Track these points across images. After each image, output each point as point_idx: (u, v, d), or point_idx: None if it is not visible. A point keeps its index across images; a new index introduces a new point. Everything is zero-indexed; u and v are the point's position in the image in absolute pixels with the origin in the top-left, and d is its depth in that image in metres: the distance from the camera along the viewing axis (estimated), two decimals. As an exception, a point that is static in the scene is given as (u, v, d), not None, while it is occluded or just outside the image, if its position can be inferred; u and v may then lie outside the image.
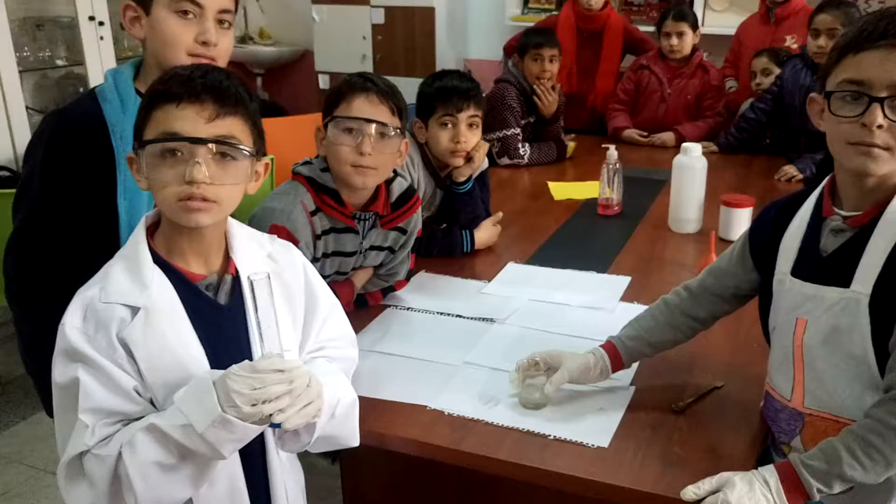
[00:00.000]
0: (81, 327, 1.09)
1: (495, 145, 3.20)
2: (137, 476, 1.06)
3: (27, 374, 1.66)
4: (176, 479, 1.09)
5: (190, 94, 1.11)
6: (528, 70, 3.26)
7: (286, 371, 1.06)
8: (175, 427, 1.05)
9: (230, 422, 1.03)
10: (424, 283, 2.04)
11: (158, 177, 1.11)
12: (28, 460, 2.76)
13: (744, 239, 1.43)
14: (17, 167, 3.39)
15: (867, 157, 1.16)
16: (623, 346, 1.49)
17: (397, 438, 1.41)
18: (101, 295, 1.11)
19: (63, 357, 1.10)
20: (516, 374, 1.47)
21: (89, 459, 1.08)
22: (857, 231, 1.21)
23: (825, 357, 1.23)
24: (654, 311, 1.52)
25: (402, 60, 5.04)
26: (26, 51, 3.64)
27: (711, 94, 3.61)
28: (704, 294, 1.48)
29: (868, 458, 1.14)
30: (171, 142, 1.10)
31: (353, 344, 1.39)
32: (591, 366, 1.46)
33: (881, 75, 1.13)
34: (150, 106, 1.13)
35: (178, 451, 1.06)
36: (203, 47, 1.49)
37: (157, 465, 1.06)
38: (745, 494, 1.15)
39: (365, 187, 1.70)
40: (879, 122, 1.13)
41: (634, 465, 1.30)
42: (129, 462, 1.05)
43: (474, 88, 2.18)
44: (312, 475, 1.45)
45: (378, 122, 1.62)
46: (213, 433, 1.04)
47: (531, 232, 2.44)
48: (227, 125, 1.13)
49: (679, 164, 2.45)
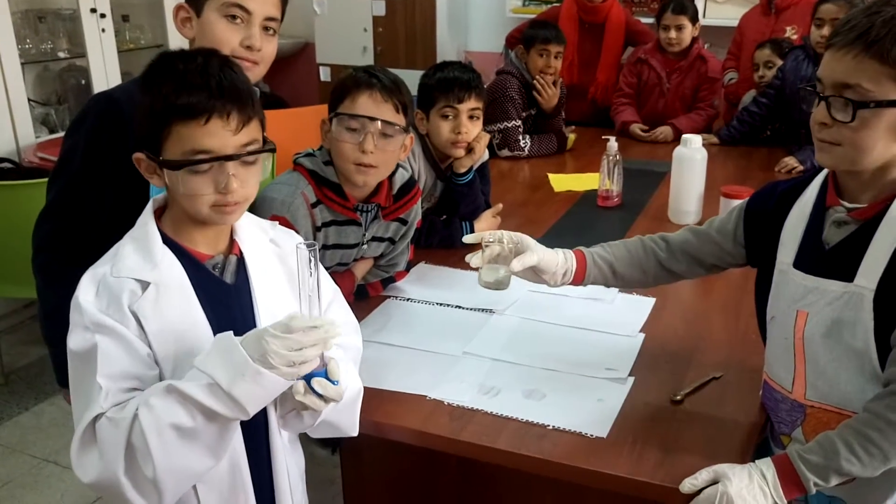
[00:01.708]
0: (94, 301, 1.11)
1: (496, 137, 3.20)
2: (155, 438, 1.03)
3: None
4: (194, 446, 1.06)
5: (216, 110, 1.11)
6: (532, 63, 3.25)
7: (320, 326, 1.06)
8: (197, 387, 1.04)
9: (261, 374, 1.03)
10: (424, 274, 2.05)
11: (192, 189, 1.12)
12: (31, 450, 2.77)
13: (739, 214, 1.42)
14: (19, 159, 3.39)
15: (820, 151, 1.20)
16: (592, 262, 1.48)
17: (397, 428, 1.41)
18: (113, 270, 1.13)
19: (79, 328, 1.10)
20: (481, 252, 1.43)
21: (102, 425, 1.06)
22: (861, 225, 1.20)
23: (826, 350, 1.22)
24: (630, 246, 1.51)
25: (403, 52, 5.04)
26: (28, 43, 3.64)
27: (707, 86, 3.59)
28: (683, 253, 1.47)
29: (865, 453, 1.14)
30: (207, 162, 1.11)
31: (357, 331, 1.39)
32: (558, 262, 1.45)
33: (827, 74, 1.16)
34: (170, 119, 1.11)
35: (199, 412, 1.04)
36: (247, 51, 1.55)
37: (174, 429, 1.04)
38: (745, 487, 1.16)
39: (367, 185, 1.71)
40: (820, 120, 1.17)
41: (633, 456, 1.30)
42: (146, 423, 1.03)
43: (475, 79, 2.18)
44: (312, 464, 1.46)
45: (382, 120, 1.62)
46: (241, 388, 1.03)
47: (531, 223, 2.44)
48: (250, 131, 1.15)
49: (679, 156, 2.45)
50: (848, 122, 1.13)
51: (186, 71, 1.13)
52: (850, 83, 1.12)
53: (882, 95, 1.11)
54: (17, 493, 2.56)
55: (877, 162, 1.16)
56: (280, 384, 1.05)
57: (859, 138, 1.14)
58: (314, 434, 1.28)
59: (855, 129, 1.13)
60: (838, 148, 1.17)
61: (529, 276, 1.45)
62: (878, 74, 1.11)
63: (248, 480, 1.22)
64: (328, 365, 1.11)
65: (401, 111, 1.66)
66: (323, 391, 1.09)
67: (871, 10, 1.12)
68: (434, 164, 2.24)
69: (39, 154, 3.37)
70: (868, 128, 1.13)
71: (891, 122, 1.13)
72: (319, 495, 2.29)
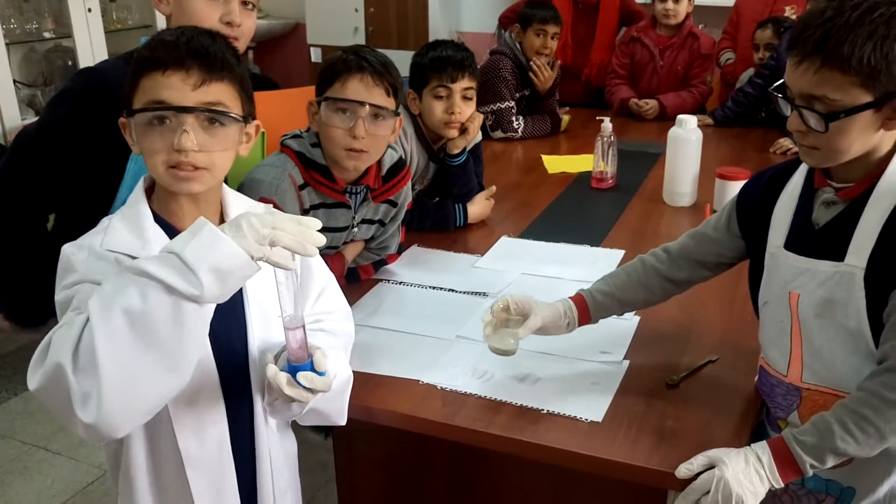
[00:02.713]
0: (87, 262, 1.09)
1: (489, 118, 3.17)
2: (103, 335, 0.92)
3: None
4: (147, 347, 0.94)
5: (175, 62, 1.10)
6: (528, 43, 3.21)
7: (302, 224, 1.00)
8: (151, 259, 0.95)
9: (218, 237, 0.94)
10: (417, 257, 2.03)
11: (148, 145, 1.11)
12: (20, 436, 2.75)
13: (731, 206, 1.41)
14: (5, 141, 3.35)
15: (805, 156, 1.20)
16: (592, 301, 1.47)
17: (389, 413, 1.40)
18: (104, 243, 1.11)
19: (69, 284, 1.07)
20: (491, 317, 1.42)
21: (59, 330, 0.98)
22: (850, 203, 1.20)
23: (821, 331, 1.22)
24: (629, 270, 1.50)
25: (395, 33, 4.99)
26: (13, 23, 3.58)
27: (699, 63, 3.57)
28: (685, 259, 1.46)
29: (861, 432, 1.13)
30: (158, 111, 1.09)
31: (349, 318, 1.37)
32: (560, 315, 1.44)
33: (793, 84, 1.15)
34: (138, 72, 1.12)
35: (151, 287, 0.93)
36: (227, 27, 1.55)
37: (124, 314, 0.93)
38: (741, 471, 1.14)
39: (357, 170, 1.68)
40: (795, 128, 1.16)
41: (628, 440, 1.29)
42: (96, 310, 0.94)
43: (469, 58, 2.15)
44: (305, 449, 1.44)
45: (372, 105, 1.59)
46: (193, 249, 0.93)
47: (525, 206, 2.42)
48: (215, 91, 1.12)
49: (674, 137, 2.42)
50: (822, 132, 1.12)
51: (166, 34, 1.14)
52: (816, 95, 1.11)
53: (851, 102, 1.10)
54: (6, 479, 2.54)
55: (859, 153, 1.16)
56: (239, 257, 0.95)
57: (836, 143, 1.14)
58: (302, 422, 1.26)
59: (830, 137, 1.13)
60: (818, 151, 1.16)
61: (539, 334, 1.44)
62: (842, 84, 1.09)
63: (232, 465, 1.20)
64: (314, 356, 1.09)
65: (391, 94, 1.63)
66: (310, 384, 1.07)
67: (825, 13, 1.09)
68: (427, 145, 2.21)
69: (22, 136, 3.33)
70: (842, 133, 1.12)
71: (865, 122, 1.12)
72: (312, 480, 2.29)
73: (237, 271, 0.96)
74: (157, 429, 1.14)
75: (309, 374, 1.07)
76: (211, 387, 1.16)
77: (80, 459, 2.62)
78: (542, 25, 3.17)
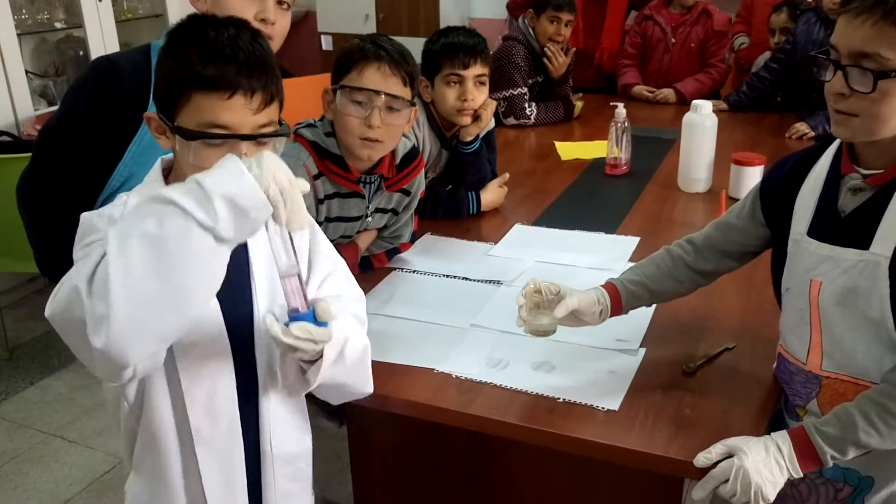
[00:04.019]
0: (108, 224, 1.06)
1: (501, 105, 3.15)
2: (118, 260, 0.92)
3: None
4: (158, 274, 0.93)
5: (242, 87, 1.07)
6: (541, 29, 3.18)
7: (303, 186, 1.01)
8: (175, 186, 0.96)
9: (242, 174, 0.94)
10: (430, 246, 2.02)
11: (199, 161, 1.08)
12: (37, 425, 2.77)
13: (754, 193, 1.39)
14: (17, 132, 3.36)
15: (838, 126, 1.15)
16: (624, 290, 1.44)
17: (404, 402, 1.39)
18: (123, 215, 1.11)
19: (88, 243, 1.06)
20: (524, 300, 1.40)
21: (76, 265, 0.99)
22: (878, 190, 1.17)
23: (842, 319, 1.20)
24: (657, 260, 1.48)
25: (406, 20, 4.97)
26: (24, 13, 3.58)
27: (714, 41, 3.54)
28: (710, 249, 1.44)
29: (884, 424, 1.11)
30: (222, 137, 1.08)
31: (361, 300, 1.35)
32: (594, 301, 1.42)
33: (842, 42, 1.11)
34: (192, 86, 1.07)
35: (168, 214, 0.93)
36: (261, 24, 1.54)
37: (141, 240, 0.93)
38: (761, 460, 1.14)
39: (371, 160, 1.67)
40: (837, 90, 1.12)
41: (645, 428, 1.28)
42: (113, 236, 0.93)
43: (481, 44, 2.14)
44: (320, 438, 1.44)
45: (389, 94, 1.58)
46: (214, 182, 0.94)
47: (538, 193, 2.41)
48: (269, 112, 1.12)
49: (688, 123, 2.40)
50: (868, 92, 1.09)
51: (217, 40, 1.08)
52: (868, 52, 1.08)
53: None
54: (24, 468, 2.56)
55: (895, 130, 1.12)
56: (257, 197, 0.95)
57: (879, 109, 1.10)
58: (329, 398, 1.25)
59: (874, 100, 1.09)
60: (855, 119, 1.12)
61: (571, 322, 1.41)
62: None
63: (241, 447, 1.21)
64: (316, 306, 1.06)
65: (408, 84, 1.62)
66: (305, 335, 1.04)
67: None
68: (439, 133, 2.20)
69: (38, 127, 3.33)
70: (888, 97, 1.08)
71: None
72: (327, 468, 2.30)
73: (252, 211, 0.95)
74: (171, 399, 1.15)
75: (303, 324, 1.04)
76: (222, 351, 1.16)
77: (97, 448, 2.64)
78: (556, 12, 3.14)
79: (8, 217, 2.68)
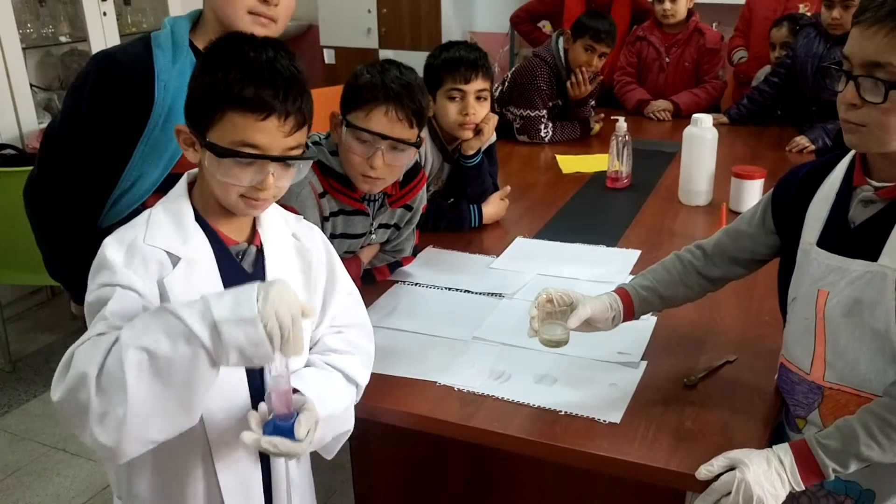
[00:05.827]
0: (124, 261, 1.09)
1: (517, 122, 3.14)
2: (133, 368, 0.96)
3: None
4: (168, 383, 0.98)
5: (278, 111, 1.09)
6: (574, 54, 3.09)
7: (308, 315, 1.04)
8: (189, 309, 0.99)
9: (256, 326, 0.98)
10: (432, 259, 2.03)
11: (227, 178, 1.10)
12: (39, 437, 2.77)
13: (766, 201, 1.40)
14: (22, 145, 3.37)
15: (850, 134, 1.15)
16: (637, 295, 1.45)
17: (406, 414, 1.40)
18: (146, 237, 1.12)
19: (104, 285, 1.08)
20: (536, 311, 1.40)
21: (83, 346, 1.01)
22: (888, 203, 1.17)
23: (847, 330, 1.20)
24: (668, 265, 1.48)
25: (408, 34, 4.99)
26: (29, 27, 3.60)
27: (708, 59, 3.56)
28: (719, 256, 1.45)
29: (886, 438, 1.12)
30: (252, 157, 1.09)
31: (370, 337, 1.37)
32: (607, 307, 1.42)
33: (855, 52, 1.11)
34: (228, 105, 1.08)
35: (181, 337, 0.97)
36: (263, 6, 1.50)
37: (150, 357, 0.97)
38: (763, 473, 1.14)
39: (371, 192, 1.69)
40: (849, 100, 1.12)
41: (647, 441, 1.28)
42: (127, 341, 0.97)
43: (482, 59, 2.15)
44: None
45: (394, 139, 1.59)
46: (231, 332, 0.97)
47: (540, 206, 2.42)
48: (299, 136, 1.14)
49: (689, 136, 2.41)
50: (879, 102, 1.09)
51: (255, 61, 1.10)
52: (881, 62, 1.08)
53: None
54: (25, 481, 2.56)
55: None
56: (264, 344, 0.99)
57: (889, 120, 1.10)
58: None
59: (886, 111, 1.09)
60: (865, 129, 1.12)
61: (584, 329, 1.42)
62: None
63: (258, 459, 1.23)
64: (299, 414, 1.09)
65: (415, 125, 1.62)
66: (275, 450, 1.07)
67: None
68: (441, 147, 2.21)
69: (42, 140, 3.35)
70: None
71: None
72: (328, 480, 2.29)
73: (255, 359, 1.02)
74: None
75: (275, 440, 1.06)
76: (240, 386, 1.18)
77: (99, 461, 2.64)
78: (593, 42, 3.03)
79: (11, 229, 2.70)
